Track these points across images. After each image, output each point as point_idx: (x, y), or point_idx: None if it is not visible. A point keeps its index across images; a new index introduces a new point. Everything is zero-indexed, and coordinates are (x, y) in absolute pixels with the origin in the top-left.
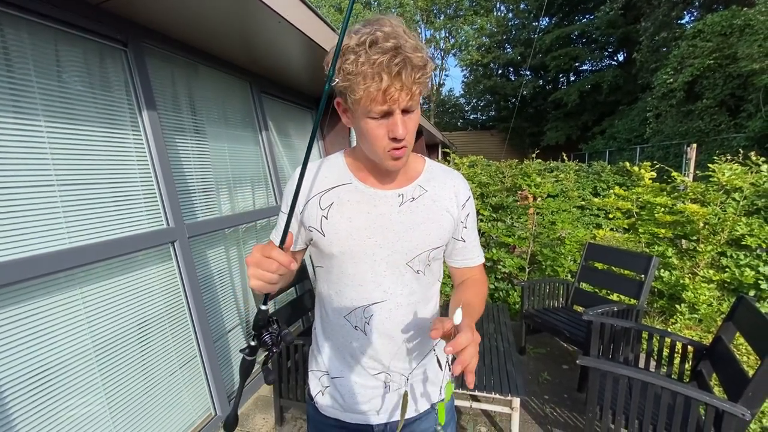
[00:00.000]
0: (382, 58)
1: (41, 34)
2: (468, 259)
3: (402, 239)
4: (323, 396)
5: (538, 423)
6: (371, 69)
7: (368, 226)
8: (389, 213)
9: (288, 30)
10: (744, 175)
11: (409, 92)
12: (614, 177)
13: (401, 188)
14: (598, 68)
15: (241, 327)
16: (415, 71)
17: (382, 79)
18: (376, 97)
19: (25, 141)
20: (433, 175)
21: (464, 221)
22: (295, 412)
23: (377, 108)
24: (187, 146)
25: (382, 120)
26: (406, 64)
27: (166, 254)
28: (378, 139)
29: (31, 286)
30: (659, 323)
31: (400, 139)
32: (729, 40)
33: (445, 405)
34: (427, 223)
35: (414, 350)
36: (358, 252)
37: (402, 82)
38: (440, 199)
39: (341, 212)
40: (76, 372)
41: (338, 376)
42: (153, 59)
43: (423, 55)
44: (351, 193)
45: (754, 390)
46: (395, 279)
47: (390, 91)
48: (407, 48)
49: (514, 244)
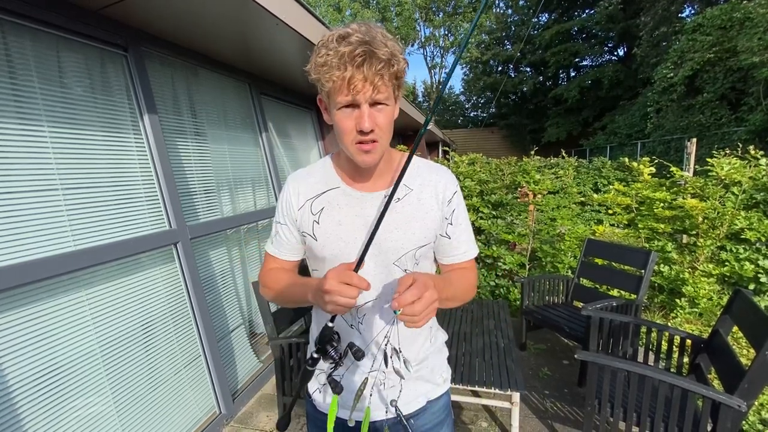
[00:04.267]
0: (346, 50)
1: (43, 40)
2: (454, 256)
3: (388, 239)
4: (320, 394)
5: (538, 417)
6: (336, 60)
7: (357, 228)
8: (376, 214)
9: (285, 32)
10: (743, 169)
11: (372, 83)
12: (615, 173)
13: (387, 189)
14: (599, 64)
15: (243, 327)
16: (377, 63)
17: (345, 69)
18: (342, 87)
19: (29, 146)
20: (419, 172)
21: (449, 217)
22: (299, 409)
23: (342, 98)
24: (187, 149)
25: (349, 112)
26: (368, 56)
27: (169, 256)
28: (346, 132)
29: (37, 288)
30: (659, 318)
31: (365, 131)
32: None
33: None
34: (412, 222)
35: (408, 347)
36: (348, 254)
37: (364, 73)
38: (425, 198)
39: (331, 216)
40: (84, 372)
41: (336, 374)
42: (153, 63)
43: (389, 50)
44: (339, 197)
45: (750, 382)
46: (384, 278)
47: (353, 81)
48: (374, 43)
49: (514, 241)
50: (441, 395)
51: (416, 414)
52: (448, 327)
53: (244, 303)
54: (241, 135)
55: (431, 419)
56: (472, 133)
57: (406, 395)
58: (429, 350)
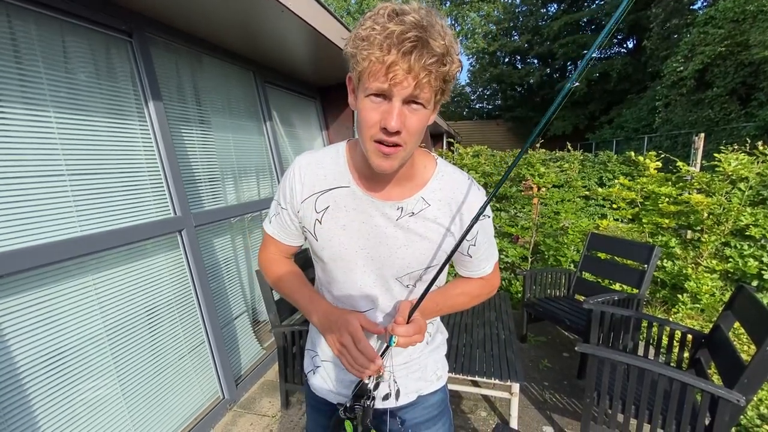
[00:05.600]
0: (397, 29)
1: (48, 25)
2: (474, 272)
3: (394, 255)
4: (314, 375)
5: (537, 408)
6: (381, 37)
7: (361, 237)
8: (385, 226)
9: (291, 19)
10: (750, 165)
11: (415, 78)
12: (620, 167)
13: (402, 200)
14: (607, 56)
15: (247, 314)
16: (428, 56)
17: (389, 51)
18: (378, 71)
19: (36, 132)
20: (442, 186)
21: (471, 239)
22: (301, 396)
23: (375, 84)
24: (192, 136)
25: (378, 103)
26: (420, 45)
27: (174, 243)
28: (368, 125)
29: (44, 272)
30: (661, 313)
31: (390, 131)
32: (741, 26)
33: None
34: (423, 242)
35: (401, 350)
36: (348, 261)
37: (410, 63)
38: (443, 217)
39: (335, 218)
40: (90, 356)
41: (327, 360)
42: (158, 50)
43: (446, 45)
44: (347, 198)
45: (750, 377)
46: (383, 291)
47: (393, 69)
48: (431, 31)
49: (517, 234)
50: (435, 391)
51: (406, 407)
52: (449, 317)
53: (247, 291)
54: (245, 123)
55: (422, 414)
56: (478, 124)
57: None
58: (423, 351)
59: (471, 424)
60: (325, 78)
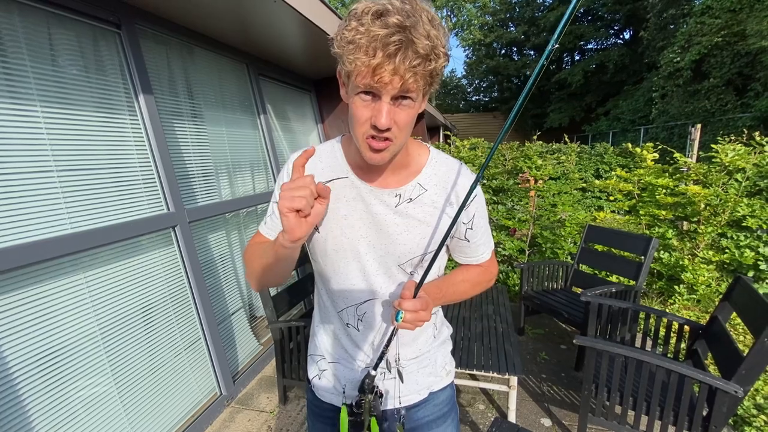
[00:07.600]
0: (380, 32)
1: (33, 17)
2: (472, 258)
3: (395, 242)
4: (320, 380)
5: (535, 400)
6: (366, 41)
7: (362, 226)
8: (384, 213)
9: (284, 9)
10: (747, 156)
11: (402, 78)
12: (617, 159)
13: (399, 187)
14: (604, 47)
15: (243, 310)
16: (413, 57)
17: (374, 55)
18: (365, 73)
19: (22, 127)
20: (436, 171)
21: (467, 222)
22: (298, 391)
23: (363, 82)
24: (184, 130)
25: (368, 101)
26: (404, 47)
27: (168, 239)
28: (360, 122)
29: (35, 270)
30: (658, 304)
31: (380, 128)
32: (738, 16)
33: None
34: (422, 227)
35: (407, 343)
36: (349, 250)
37: (395, 64)
38: (440, 201)
39: (336, 209)
40: (85, 354)
41: (334, 361)
42: (147, 41)
43: (431, 44)
44: (347, 189)
45: (748, 368)
46: (386, 279)
47: (380, 72)
48: (416, 31)
49: (514, 227)
50: (444, 387)
51: (418, 405)
52: (447, 311)
53: (243, 286)
54: (239, 117)
55: (433, 411)
56: (474, 117)
57: (408, 387)
58: (432, 344)
59: (469, 417)
60: (320, 70)
